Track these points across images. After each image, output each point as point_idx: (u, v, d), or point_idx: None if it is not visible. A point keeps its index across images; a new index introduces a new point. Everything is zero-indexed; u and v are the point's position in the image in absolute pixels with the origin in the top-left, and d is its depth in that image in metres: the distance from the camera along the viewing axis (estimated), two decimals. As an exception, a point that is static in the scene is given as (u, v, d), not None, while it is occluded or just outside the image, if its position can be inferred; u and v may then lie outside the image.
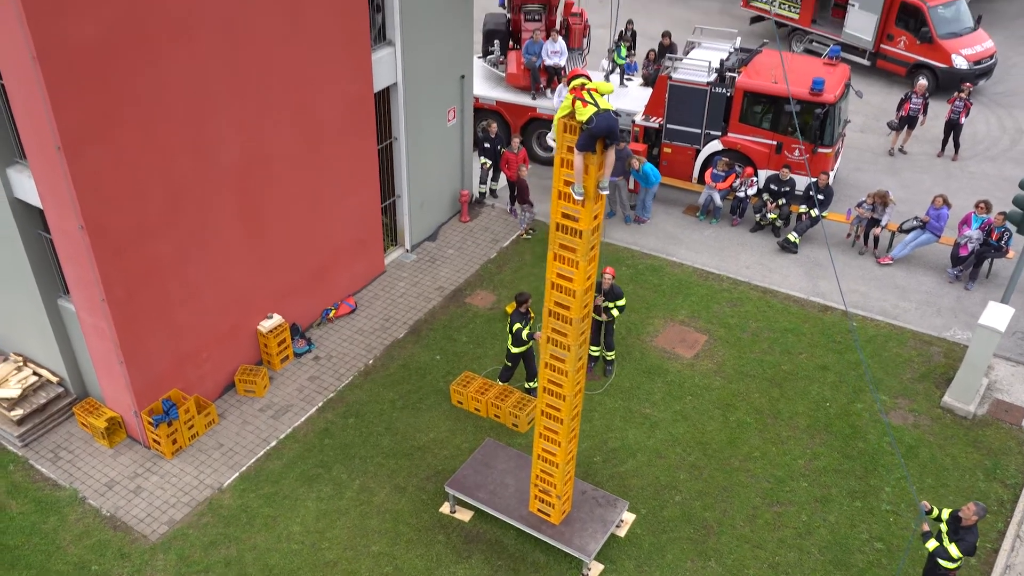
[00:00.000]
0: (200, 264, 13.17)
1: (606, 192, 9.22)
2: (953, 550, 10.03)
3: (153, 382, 13.22)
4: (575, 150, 8.83)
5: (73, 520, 12.44)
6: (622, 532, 12.01)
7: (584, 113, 8.59)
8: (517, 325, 13.49)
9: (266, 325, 14.65)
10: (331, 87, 14.22)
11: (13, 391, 13.59)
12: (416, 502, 12.57)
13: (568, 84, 8.96)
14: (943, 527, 10.25)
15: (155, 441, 13.32)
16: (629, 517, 12.20)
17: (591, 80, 8.91)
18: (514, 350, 13.75)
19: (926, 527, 10.37)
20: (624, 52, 21.34)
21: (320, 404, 14.25)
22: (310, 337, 15.50)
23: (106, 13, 10.62)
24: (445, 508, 12.42)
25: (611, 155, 9.05)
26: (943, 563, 10.23)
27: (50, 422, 13.83)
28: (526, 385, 14.24)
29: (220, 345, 14.10)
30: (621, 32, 22.04)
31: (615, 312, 13.86)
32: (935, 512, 10.42)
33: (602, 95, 8.77)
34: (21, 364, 14.12)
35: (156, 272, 12.56)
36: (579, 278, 9.55)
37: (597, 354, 14.38)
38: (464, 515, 12.33)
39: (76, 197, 11.13)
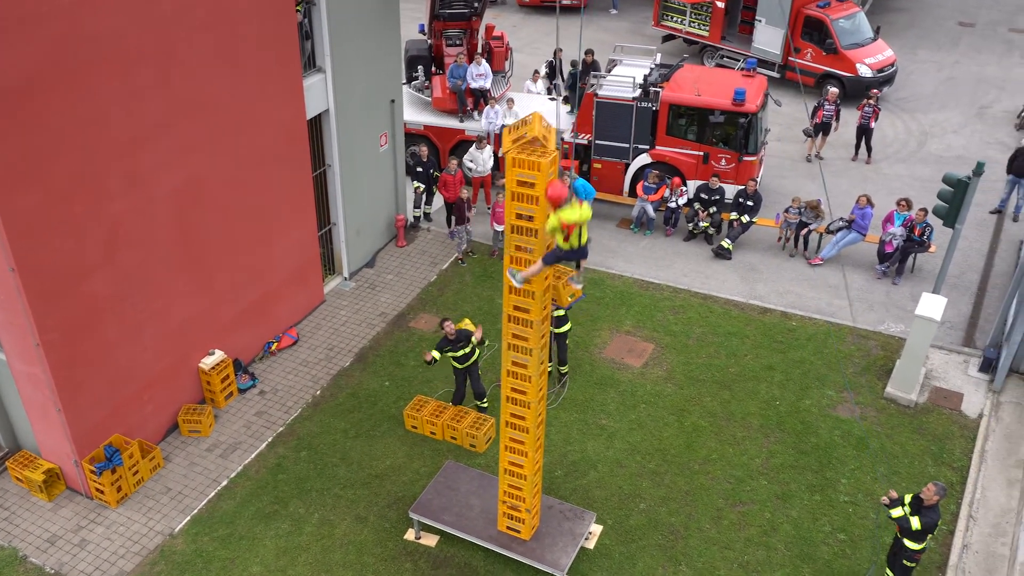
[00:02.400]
0: (139, 302, 12.70)
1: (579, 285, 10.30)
2: (915, 521, 10.31)
3: (93, 428, 12.64)
4: (541, 261, 9.33)
5: (15, 580, 11.76)
6: (591, 544, 11.95)
7: (564, 245, 9.10)
8: (448, 349, 13.46)
9: (208, 362, 14.19)
10: (264, 115, 13.96)
11: (-61, 449, 12.83)
12: (379, 531, 12.29)
13: (557, 211, 8.93)
14: (907, 509, 10.52)
15: (98, 490, 12.71)
16: (597, 529, 12.15)
17: (582, 207, 9.02)
18: (458, 366, 13.71)
19: (894, 494, 10.62)
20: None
21: (270, 439, 13.84)
22: (253, 372, 15.08)
23: (34, 49, 10.22)
24: (410, 535, 12.17)
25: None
26: (908, 543, 10.50)
27: (-19, 479, 13.10)
28: (477, 404, 14.13)
29: (162, 385, 13.58)
30: (550, 61, 22.25)
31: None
32: (901, 507, 10.67)
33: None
34: (-55, 420, 13.35)
35: (93, 313, 12.06)
36: (537, 279, 9.54)
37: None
38: (430, 540, 12.10)
39: (6, 238, 10.62)
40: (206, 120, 12.91)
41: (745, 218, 17.92)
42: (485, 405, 14.10)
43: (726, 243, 18.02)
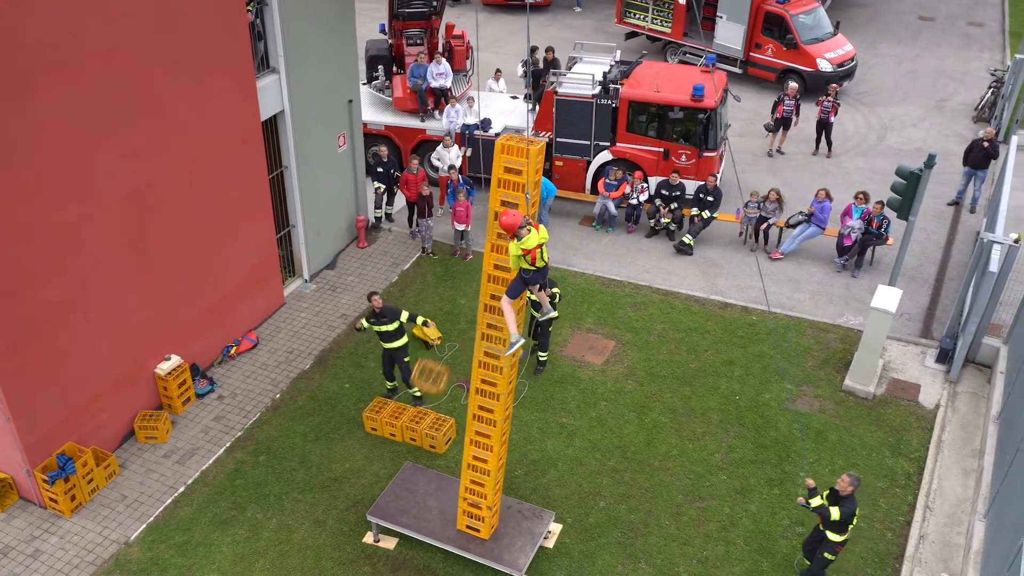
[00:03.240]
0: (90, 308, 12.51)
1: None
2: (834, 511, 10.42)
3: (45, 437, 12.43)
4: (506, 297, 9.56)
5: (-34, 593, 11.56)
6: (550, 543, 11.91)
7: (529, 268, 9.38)
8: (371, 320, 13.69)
9: (164, 367, 14.02)
10: (217, 117, 13.81)
11: None
12: (337, 535, 12.19)
13: (517, 237, 9.15)
14: (826, 501, 10.60)
15: (52, 499, 12.52)
16: (556, 527, 12.12)
17: (539, 231, 9.32)
18: (386, 346, 13.89)
19: (811, 482, 10.70)
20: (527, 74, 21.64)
21: (228, 444, 13.69)
22: (212, 376, 14.91)
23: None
24: (368, 538, 12.08)
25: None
26: (831, 535, 10.59)
27: (-69, 491, 12.85)
28: (412, 393, 14.33)
29: (117, 392, 13.39)
30: (525, 60, 22.18)
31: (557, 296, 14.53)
32: (820, 496, 10.73)
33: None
34: None
35: (42, 320, 11.86)
36: (511, 255, 9.59)
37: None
38: (389, 543, 12.02)
39: (-52, 245, 10.44)
40: (155, 124, 12.74)
41: (706, 214, 17.96)
42: (419, 394, 14.23)
43: (687, 239, 18.06)
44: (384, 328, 13.59)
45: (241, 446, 13.68)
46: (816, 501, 10.58)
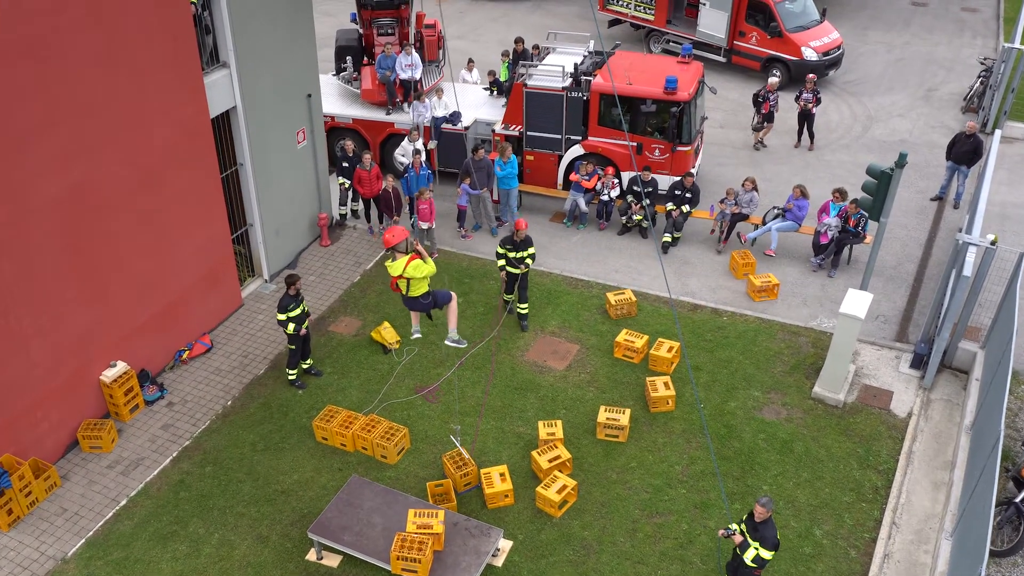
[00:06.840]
0: (23, 315, 12.03)
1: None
2: (765, 553, 9.86)
3: (-21, 449, 12.02)
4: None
5: None
6: (499, 561, 11.45)
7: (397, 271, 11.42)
8: (292, 307, 13.70)
9: (109, 374, 13.55)
10: (161, 114, 13.27)
11: None
12: (280, 551, 11.74)
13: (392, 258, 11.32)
14: (755, 543, 10.00)
15: (-13, 514, 12.11)
16: (506, 544, 11.66)
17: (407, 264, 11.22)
18: (290, 330, 13.76)
19: (738, 537, 10.08)
20: (505, 70, 21.13)
21: (175, 454, 13.24)
22: (162, 382, 14.45)
23: None
24: (311, 555, 11.63)
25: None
26: (748, 560, 10.05)
27: None
28: (288, 374, 14.38)
29: (58, 401, 12.93)
30: (505, 51, 21.60)
31: (528, 261, 14.85)
32: (736, 529, 10.20)
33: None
34: None
35: (-31, 328, 11.41)
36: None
37: (509, 299, 15.48)
38: (332, 560, 11.57)
39: None
40: (92, 122, 12.21)
41: (685, 208, 17.36)
42: (293, 376, 14.35)
43: (668, 238, 17.46)
44: (293, 313, 13.68)
45: (188, 456, 13.23)
46: (751, 554, 9.89)
